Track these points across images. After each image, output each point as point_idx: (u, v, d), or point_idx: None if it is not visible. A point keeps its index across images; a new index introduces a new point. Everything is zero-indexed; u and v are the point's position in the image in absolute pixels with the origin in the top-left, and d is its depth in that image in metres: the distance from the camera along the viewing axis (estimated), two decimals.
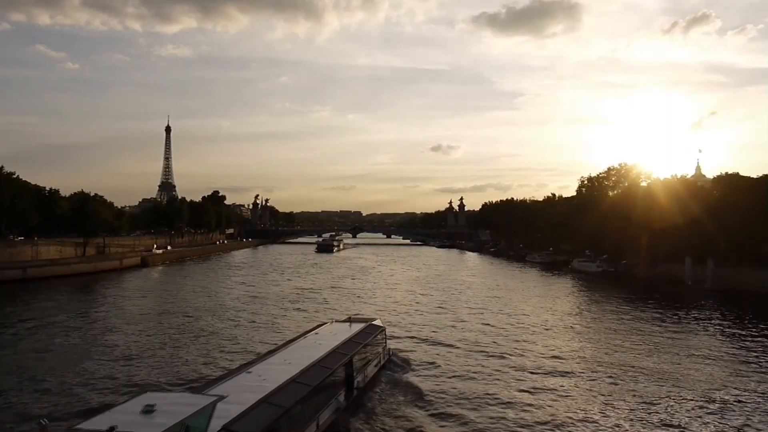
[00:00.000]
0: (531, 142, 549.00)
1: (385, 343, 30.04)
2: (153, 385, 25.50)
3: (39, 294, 60.10)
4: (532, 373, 28.87)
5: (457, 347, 34.60)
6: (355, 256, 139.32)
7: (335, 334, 26.24)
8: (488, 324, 43.14)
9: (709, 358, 32.46)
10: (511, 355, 32.89)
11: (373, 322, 30.17)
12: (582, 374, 28.89)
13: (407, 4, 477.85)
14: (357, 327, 27.95)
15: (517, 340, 37.06)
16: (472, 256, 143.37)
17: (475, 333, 39.50)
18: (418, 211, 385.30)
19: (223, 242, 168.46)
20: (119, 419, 13.09)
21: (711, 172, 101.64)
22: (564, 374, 28.84)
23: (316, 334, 26.88)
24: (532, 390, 25.92)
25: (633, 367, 30.24)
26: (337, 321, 31.11)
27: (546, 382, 27.31)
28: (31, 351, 33.76)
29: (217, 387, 17.95)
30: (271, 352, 23.62)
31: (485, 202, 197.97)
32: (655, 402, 24.27)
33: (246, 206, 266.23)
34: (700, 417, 22.59)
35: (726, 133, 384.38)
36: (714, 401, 24.48)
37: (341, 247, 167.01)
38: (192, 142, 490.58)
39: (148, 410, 13.41)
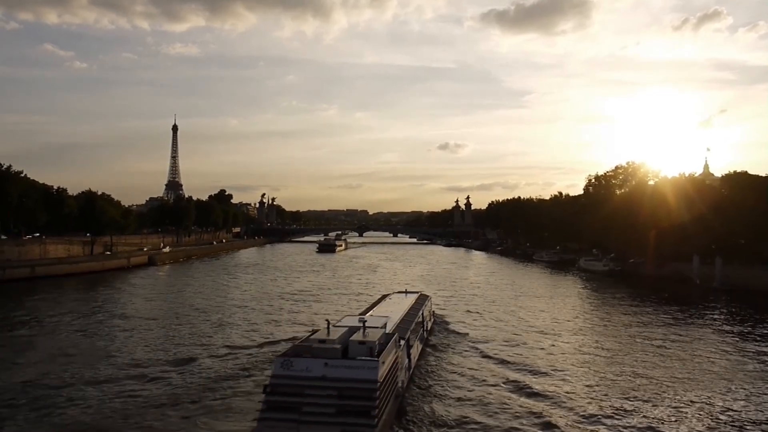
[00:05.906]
0: (538, 141, 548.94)
1: (431, 306, 40.96)
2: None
3: (59, 292, 60.32)
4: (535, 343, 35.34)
5: (479, 323, 44.08)
6: (359, 255, 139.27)
7: (403, 299, 37.21)
8: (501, 320, 44.66)
9: (722, 359, 32.26)
10: (520, 327, 40.52)
11: (422, 293, 42.07)
12: (586, 374, 28.80)
13: (415, 2, 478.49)
14: (414, 295, 39.12)
15: (527, 324, 41.34)
16: (478, 255, 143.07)
17: (487, 322, 43.94)
18: (425, 210, 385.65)
19: (231, 240, 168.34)
20: (355, 323, 23.09)
21: (719, 170, 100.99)
22: (565, 376, 28.77)
23: (390, 299, 38.35)
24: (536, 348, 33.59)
25: (645, 367, 30.16)
26: (395, 292, 43.02)
27: (550, 364, 28.62)
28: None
29: None
30: (369, 308, 34.35)
31: (492, 201, 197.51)
32: (668, 403, 24.24)
33: (252, 205, 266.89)
34: (708, 417, 22.45)
35: (735, 131, 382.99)
36: (725, 401, 24.33)
37: (344, 246, 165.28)
38: (199, 140, 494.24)
39: (362, 321, 22.82)
